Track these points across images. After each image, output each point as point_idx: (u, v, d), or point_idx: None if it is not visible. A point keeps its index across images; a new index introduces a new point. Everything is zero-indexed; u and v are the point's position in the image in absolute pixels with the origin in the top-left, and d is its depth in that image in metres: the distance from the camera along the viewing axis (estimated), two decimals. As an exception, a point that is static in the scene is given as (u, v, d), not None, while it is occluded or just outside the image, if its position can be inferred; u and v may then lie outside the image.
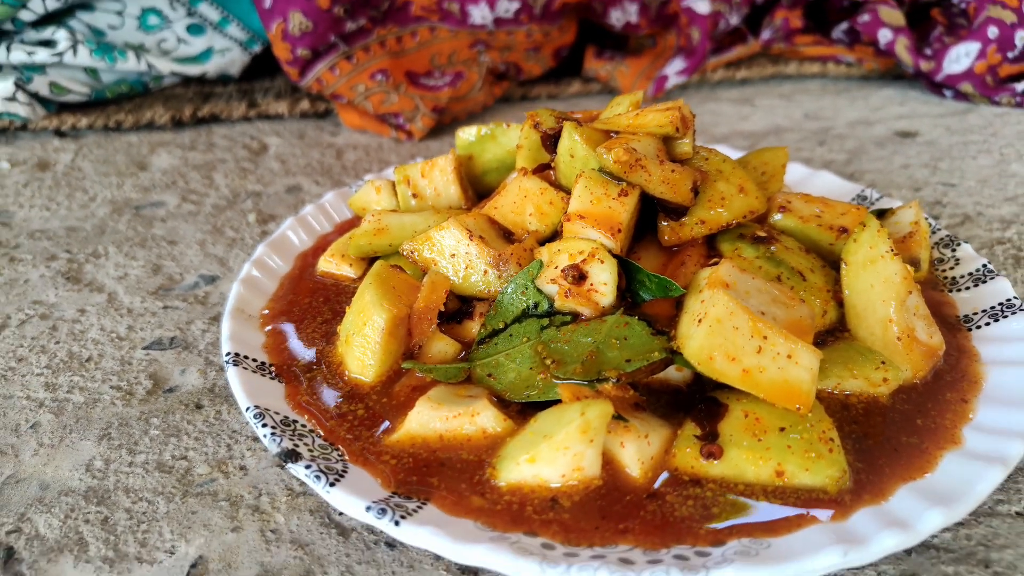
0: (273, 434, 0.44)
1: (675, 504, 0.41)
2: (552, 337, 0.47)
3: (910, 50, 1.09)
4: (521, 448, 0.42)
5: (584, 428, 0.40)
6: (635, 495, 0.41)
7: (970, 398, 0.49)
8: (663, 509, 0.40)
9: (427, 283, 0.51)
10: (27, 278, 0.71)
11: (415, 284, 0.53)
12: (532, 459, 0.40)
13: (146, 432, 0.52)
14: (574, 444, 0.40)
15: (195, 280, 0.70)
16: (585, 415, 0.40)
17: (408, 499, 0.41)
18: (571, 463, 0.41)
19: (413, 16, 0.98)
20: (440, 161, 0.63)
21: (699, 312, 0.44)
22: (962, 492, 0.40)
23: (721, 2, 1.08)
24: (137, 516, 0.46)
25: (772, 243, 0.53)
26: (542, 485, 0.41)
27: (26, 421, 0.54)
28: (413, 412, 0.45)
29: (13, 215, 0.82)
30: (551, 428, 0.41)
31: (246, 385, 0.48)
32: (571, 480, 0.41)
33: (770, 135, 1.03)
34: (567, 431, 0.40)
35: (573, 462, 0.41)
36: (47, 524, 0.45)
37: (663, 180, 0.51)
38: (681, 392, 0.48)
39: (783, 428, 0.42)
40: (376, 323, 0.48)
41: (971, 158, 0.94)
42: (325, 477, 0.41)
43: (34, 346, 0.61)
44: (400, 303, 0.50)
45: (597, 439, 0.41)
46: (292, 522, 0.45)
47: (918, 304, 0.50)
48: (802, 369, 0.42)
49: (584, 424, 0.40)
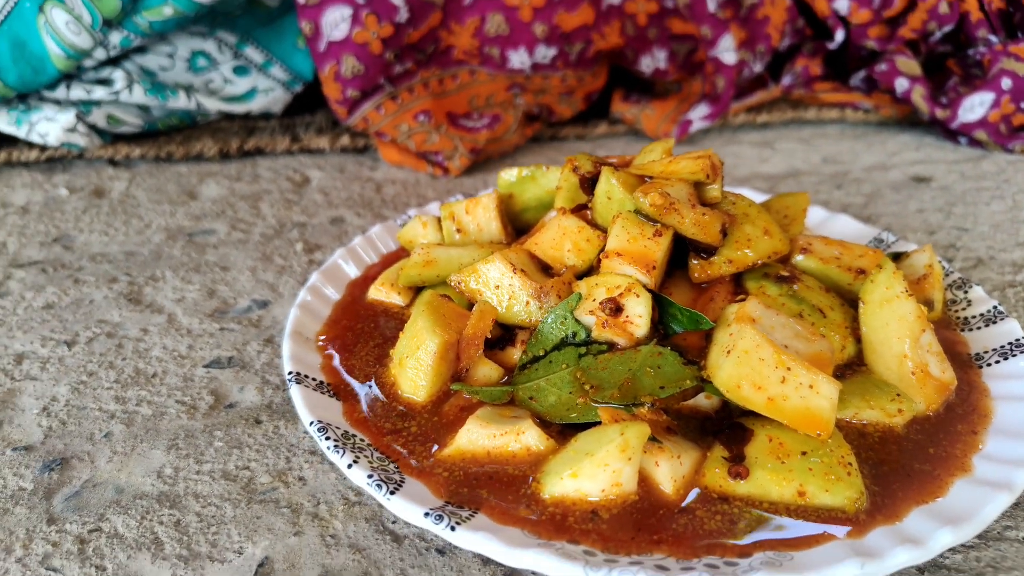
0: (336, 447, 0.48)
1: (704, 519, 0.45)
2: (590, 364, 0.51)
3: (926, 98, 1.13)
4: (564, 464, 0.45)
5: (623, 447, 0.44)
6: (667, 510, 0.45)
7: (980, 430, 0.52)
8: (693, 523, 0.44)
9: (476, 312, 0.55)
10: (92, 299, 0.76)
11: (462, 312, 0.57)
12: (575, 474, 0.44)
13: (211, 443, 0.57)
14: (613, 461, 0.44)
15: (248, 304, 0.75)
16: (624, 435, 0.44)
17: (460, 508, 0.45)
18: (610, 479, 0.44)
19: (455, 60, 1.04)
20: (483, 199, 0.68)
21: (728, 344, 0.48)
22: (971, 515, 0.43)
23: (746, 51, 1.14)
24: (207, 519, 0.50)
25: (795, 282, 0.58)
26: (583, 498, 0.45)
27: (100, 431, 0.58)
28: (463, 430, 0.49)
29: (74, 239, 0.88)
30: (592, 447, 0.45)
31: (308, 402, 0.52)
32: (610, 495, 0.45)
33: (789, 178, 1.07)
34: (607, 449, 0.44)
35: (612, 478, 0.44)
36: (125, 524, 0.50)
37: (695, 222, 0.55)
38: (710, 418, 0.52)
39: (805, 452, 0.46)
40: (429, 347, 0.53)
41: (984, 204, 0.98)
42: (386, 486, 0.45)
43: (103, 362, 0.66)
44: (450, 329, 0.54)
45: (635, 458, 0.45)
46: (349, 528, 0.49)
47: (931, 342, 0.54)
48: (823, 398, 0.46)
49: (623, 443, 0.44)
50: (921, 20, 1.13)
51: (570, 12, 1.03)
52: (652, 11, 1.07)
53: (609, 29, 1.07)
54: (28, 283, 0.78)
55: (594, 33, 1.06)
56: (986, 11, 1.11)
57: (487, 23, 1.02)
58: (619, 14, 1.07)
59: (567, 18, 1.03)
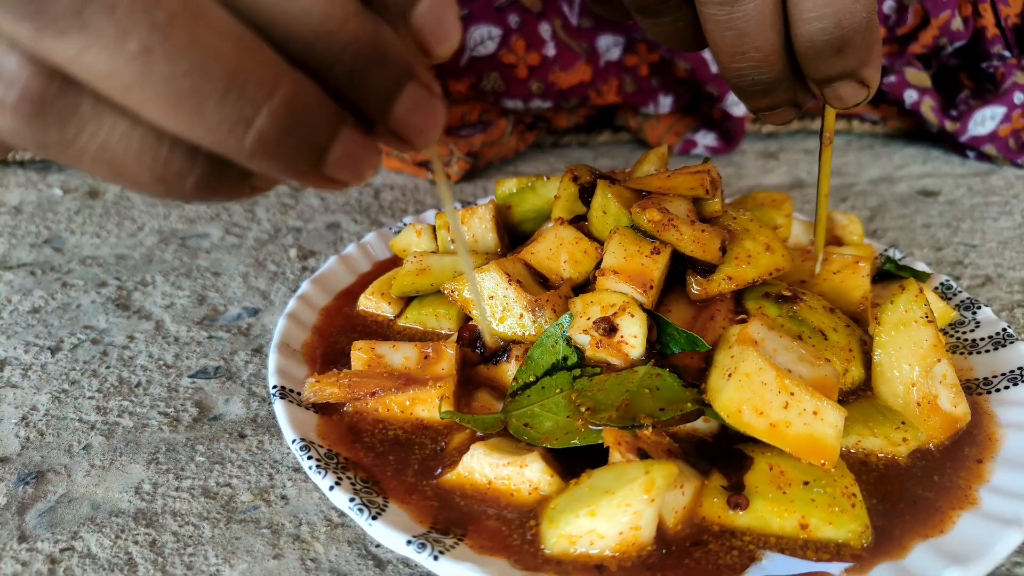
0: (318, 467, 0.46)
1: (701, 558, 0.43)
2: (585, 386, 0.50)
3: (935, 111, 1.11)
4: (581, 501, 0.42)
5: (647, 486, 0.41)
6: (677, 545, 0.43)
7: (986, 459, 0.50)
8: (694, 558, 0.42)
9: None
10: (79, 303, 0.74)
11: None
12: (592, 512, 0.41)
13: (192, 458, 0.55)
14: (635, 502, 0.41)
15: (238, 312, 0.73)
16: (650, 474, 0.41)
17: (445, 535, 0.43)
18: (630, 521, 0.41)
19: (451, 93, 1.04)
20: (480, 209, 0.66)
21: (729, 367, 0.46)
22: (980, 553, 0.41)
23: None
24: (184, 539, 0.48)
25: (796, 302, 0.56)
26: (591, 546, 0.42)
27: (79, 442, 0.56)
28: (467, 455, 0.47)
29: (65, 241, 0.86)
30: (612, 484, 0.42)
31: (292, 418, 0.50)
32: (627, 539, 0.41)
33: (793, 189, 1.06)
34: (630, 488, 0.41)
35: (632, 520, 0.41)
36: (98, 543, 0.48)
37: (693, 239, 0.53)
38: (706, 443, 0.50)
39: (807, 482, 0.44)
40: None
41: (992, 219, 0.96)
42: (368, 510, 0.43)
43: (86, 370, 0.64)
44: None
45: (658, 500, 0.41)
46: (331, 552, 0.47)
47: (946, 373, 0.52)
48: (827, 426, 0.44)
49: (648, 482, 0.41)
50: (932, 36, 1.11)
51: (566, 71, 1.03)
52: (654, 60, 1.06)
53: (607, 88, 1.06)
54: (16, 286, 0.77)
55: (591, 91, 1.05)
56: (1002, 27, 1.09)
57: (484, 80, 1.02)
58: (618, 70, 1.05)
59: (563, 76, 1.03)
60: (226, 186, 0.27)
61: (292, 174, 0.26)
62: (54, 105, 0.23)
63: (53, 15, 0.21)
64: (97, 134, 0.24)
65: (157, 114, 0.23)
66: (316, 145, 0.26)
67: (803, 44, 0.44)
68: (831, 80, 0.46)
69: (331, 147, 0.26)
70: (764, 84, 0.47)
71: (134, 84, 0.22)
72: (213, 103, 0.23)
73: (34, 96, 0.23)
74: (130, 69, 0.22)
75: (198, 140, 0.24)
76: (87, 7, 0.21)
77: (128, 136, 0.24)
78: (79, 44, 0.22)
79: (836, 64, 0.45)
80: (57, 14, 0.21)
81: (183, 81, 0.23)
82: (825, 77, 0.46)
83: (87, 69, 0.22)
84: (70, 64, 0.22)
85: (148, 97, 0.23)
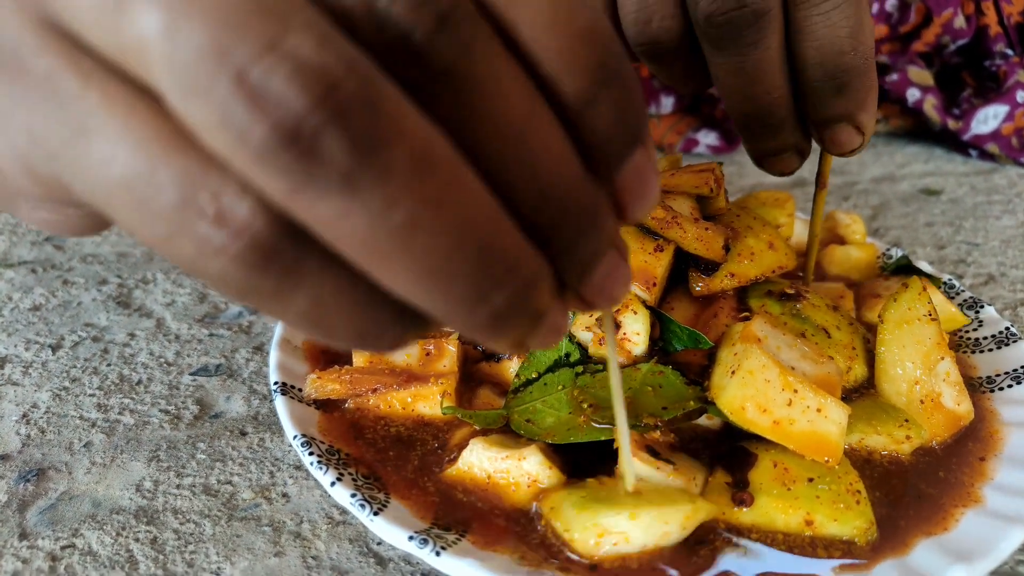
0: (319, 463, 0.46)
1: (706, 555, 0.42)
2: (588, 383, 0.49)
3: (938, 109, 1.11)
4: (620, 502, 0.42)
5: (689, 515, 0.41)
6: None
7: (989, 456, 0.50)
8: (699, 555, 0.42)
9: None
10: (80, 301, 0.74)
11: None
12: (634, 515, 0.41)
13: (193, 456, 0.55)
14: (672, 523, 0.41)
15: (239, 309, 0.73)
16: (695, 505, 0.42)
17: (447, 531, 0.43)
18: (659, 539, 0.41)
19: None
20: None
21: (732, 364, 0.46)
22: (984, 550, 0.41)
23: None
24: (185, 537, 0.48)
25: (800, 300, 0.55)
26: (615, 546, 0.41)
27: (79, 440, 0.56)
28: (467, 450, 0.47)
29: (66, 239, 0.86)
30: (656, 499, 0.42)
31: (293, 414, 0.50)
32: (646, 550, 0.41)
33: (795, 188, 1.05)
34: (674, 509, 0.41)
35: (661, 539, 0.41)
36: (99, 541, 0.48)
37: (697, 237, 0.53)
38: (708, 440, 0.50)
39: (811, 479, 0.44)
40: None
41: (995, 218, 0.96)
42: (369, 506, 0.43)
43: (87, 367, 0.64)
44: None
45: (689, 529, 0.42)
46: (332, 550, 0.47)
47: (949, 371, 0.52)
48: (831, 423, 0.44)
49: (692, 511, 0.41)
50: (935, 34, 1.11)
51: None
52: None
53: None
54: (17, 284, 0.77)
55: None
56: (1005, 25, 1.09)
57: None
58: None
59: None
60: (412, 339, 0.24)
61: (499, 344, 0.24)
62: (280, 259, 0.21)
63: (319, 176, 0.19)
64: (313, 291, 0.22)
65: (398, 284, 0.21)
66: (534, 320, 0.24)
67: (806, 85, 0.48)
68: (830, 122, 0.50)
69: (544, 321, 0.24)
70: (772, 126, 0.50)
71: (386, 254, 0.20)
72: (461, 280, 0.21)
73: (262, 248, 0.20)
74: (388, 240, 0.20)
75: (428, 310, 0.22)
76: (361, 174, 0.19)
77: (344, 295, 0.22)
78: (339, 209, 0.19)
79: (836, 106, 0.48)
80: (324, 176, 0.19)
81: (438, 256, 0.21)
82: (825, 119, 0.50)
83: (337, 233, 0.20)
84: (318, 224, 0.20)
85: (396, 268, 0.21)
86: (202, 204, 0.20)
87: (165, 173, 0.20)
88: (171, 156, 0.20)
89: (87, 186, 0.21)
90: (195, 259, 0.20)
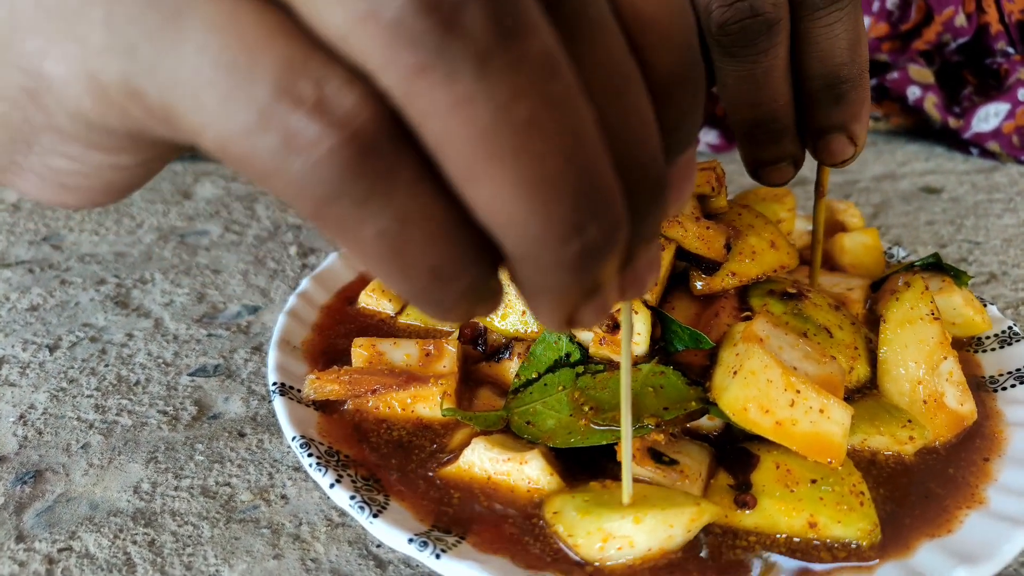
0: (318, 464, 0.45)
1: (708, 558, 0.42)
2: (588, 383, 0.49)
3: (939, 107, 1.11)
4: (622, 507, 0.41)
5: (694, 517, 0.41)
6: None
7: (992, 457, 0.50)
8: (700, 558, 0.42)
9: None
10: (77, 301, 0.74)
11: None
12: (638, 519, 0.40)
13: (191, 457, 0.54)
14: (677, 526, 0.41)
15: (238, 309, 0.73)
16: (700, 507, 0.41)
17: (447, 533, 0.42)
18: (664, 543, 0.41)
19: None
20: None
21: (734, 364, 0.46)
22: (989, 553, 0.41)
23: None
24: (183, 539, 0.48)
25: (802, 299, 0.55)
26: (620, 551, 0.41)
27: (77, 441, 0.56)
28: (468, 448, 0.46)
29: (64, 238, 0.86)
30: (661, 502, 0.41)
31: (292, 415, 0.50)
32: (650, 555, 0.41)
33: (795, 186, 1.05)
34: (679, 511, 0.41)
35: (665, 542, 0.41)
36: (97, 543, 0.47)
37: (698, 236, 0.53)
38: (710, 440, 0.50)
39: (814, 480, 0.43)
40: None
41: (996, 216, 0.96)
42: (368, 508, 0.42)
43: (84, 368, 0.64)
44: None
45: (694, 532, 0.42)
46: (331, 552, 0.47)
47: (952, 371, 0.51)
48: (834, 423, 0.43)
49: (697, 513, 0.41)
50: (936, 32, 1.10)
51: None
52: None
53: None
54: (14, 284, 0.76)
55: None
56: (1006, 23, 1.09)
57: None
58: None
59: None
60: (473, 304, 0.23)
61: (555, 308, 0.23)
62: (377, 160, 0.19)
63: (453, 52, 0.17)
64: (402, 205, 0.20)
65: (499, 195, 0.19)
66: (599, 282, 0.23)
67: (807, 94, 0.50)
68: (825, 132, 0.51)
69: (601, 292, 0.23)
70: (776, 132, 0.51)
71: (496, 155, 0.18)
72: (567, 199, 0.20)
73: (362, 144, 0.18)
74: (505, 136, 0.18)
75: (518, 236, 0.20)
76: (497, 56, 0.17)
77: (431, 217, 0.20)
78: (464, 93, 0.18)
79: (833, 115, 0.50)
80: (460, 52, 0.17)
81: (550, 165, 0.19)
82: (821, 127, 0.51)
83: (452, 124, 0.18)
84: (433, 115, 0.18)
85: (503, 174, 0.19)
86: (301, 91, 0.18)
87: (263, 58, 0.18)
88: (272, 40, 0.18)
89: (168, 79, 0.19)
90: (274, 156, 0.18)
